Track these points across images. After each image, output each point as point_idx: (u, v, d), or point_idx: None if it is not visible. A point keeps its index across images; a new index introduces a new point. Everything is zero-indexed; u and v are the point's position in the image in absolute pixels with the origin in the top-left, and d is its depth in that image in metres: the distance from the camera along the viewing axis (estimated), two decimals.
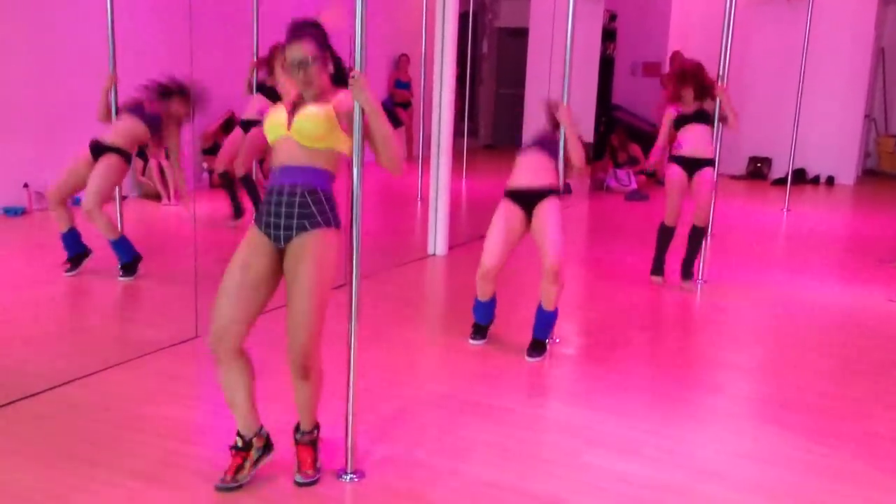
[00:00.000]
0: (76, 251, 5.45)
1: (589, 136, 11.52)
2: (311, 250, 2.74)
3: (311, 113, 2.76)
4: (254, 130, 6.90)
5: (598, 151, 11.33)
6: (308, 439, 2.91)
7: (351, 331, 2.88)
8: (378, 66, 12.09)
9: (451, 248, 6.74)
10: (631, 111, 11.87)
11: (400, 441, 3.23)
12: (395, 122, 12.40)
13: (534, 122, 13.61)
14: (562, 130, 4.45)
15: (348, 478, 2.93)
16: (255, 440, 2.86)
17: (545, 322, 4.30)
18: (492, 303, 4.42)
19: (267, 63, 6.60)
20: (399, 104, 12.33)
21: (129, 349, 4.14)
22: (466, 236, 7.26)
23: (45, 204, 6.82)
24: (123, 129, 5.53)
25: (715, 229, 6.95)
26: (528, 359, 4.23)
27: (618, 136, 11.05)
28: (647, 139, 11.46)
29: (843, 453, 3.30)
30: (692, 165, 5.63)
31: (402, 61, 12.37)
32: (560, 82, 4.55)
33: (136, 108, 5.61)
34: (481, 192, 10.40)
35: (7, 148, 6.53)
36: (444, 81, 6.51)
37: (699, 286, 5.89)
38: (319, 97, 2.80)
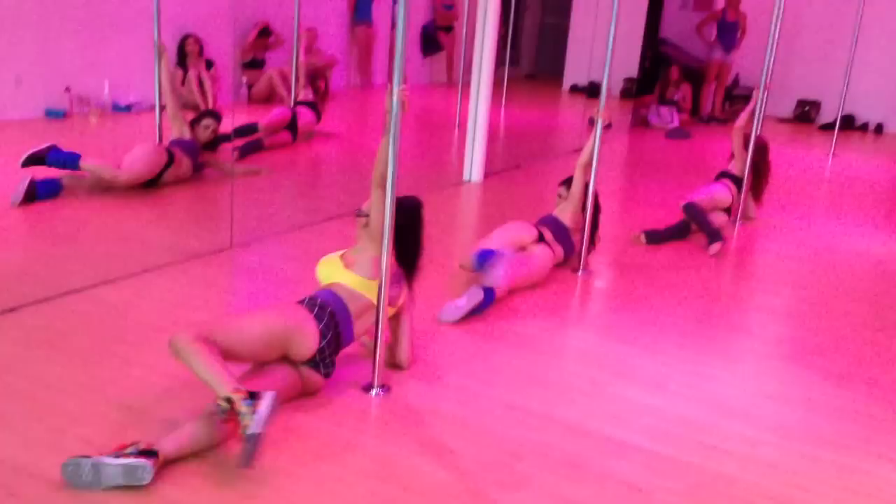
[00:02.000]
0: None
1: (634, 71, 11.30)
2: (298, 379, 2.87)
3: (358, 282, 2.98)
4: None
5: (643, 87, 11.12)
6: None
7: (383, 251, 2.88)
8: None
9: (486, 175, 6.70)
10: (679, 46, 11.57)
11: (428, 362, 3.27)
12: (436, 46, 12.22)
13: (577, 55, 13.41)
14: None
15: (375, 392, 2.97)
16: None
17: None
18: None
19: None
20: (441, 27, 12.12)
21: (165, 255, 4.19)
22: (503, 164, 7.21)
23: (85, 107, 6.88)
24: None
25: None
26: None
27: (678, 69, 10.79)
28: (695, 77, 11.23)
29: (869, 400, 3.28)
30: None
31: None
32: (606, 13, 4.43)
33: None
34: (520, 121, 10.29)
35: (50, 51, 6.55)
36: (488, 7, 6.37)
37: (737, 226, 5.82)
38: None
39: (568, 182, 4.72)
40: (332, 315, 2.86)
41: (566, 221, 4.53)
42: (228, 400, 2.37)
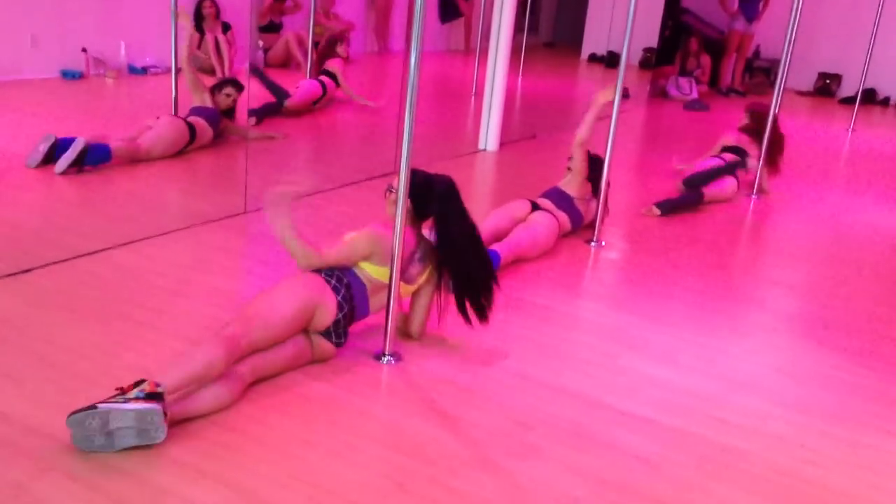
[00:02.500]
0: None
1: (654, 41, 11.18)
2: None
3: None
4: None
5: (662, 57, 11.00)
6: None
7: (397, 218, 2.87)
8: None
9: (502, 144, 6.67)
10: (701, 16, 11.42)
11: (439, 330, 3.27)
12: (455, 12, 12.11)
13: (596, 23, 13.27)
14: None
15: (385, 359, 2.98)
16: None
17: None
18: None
19: None
20: None
21: (179, 219, 4.20)
22: (518, 134, 7.17)
23: (101, 69, 6.87)
24: None
25: None
26: None
27: (697, 41, 10.65)
28: (715, 48, 11.09)
29: (883, 376, 3.27)
30: None
31: None
32: None
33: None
34: (537, 90, 10.21)
35: (66, 11, 6.53)
36: None
37: (753, 200, 5.78)
38: None
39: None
40: (348, 287, 2.87)
41: (571, 192, 4.51)
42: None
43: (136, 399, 2.27)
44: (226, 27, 8.00)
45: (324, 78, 7.41)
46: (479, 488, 2.32)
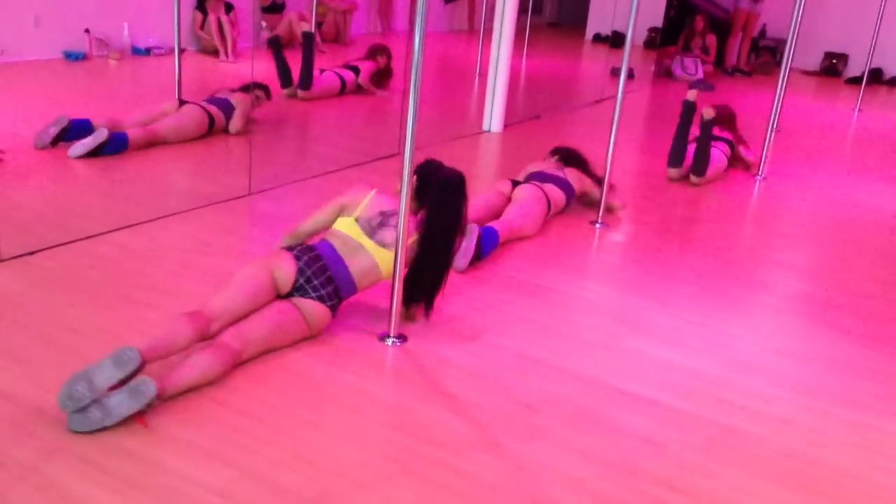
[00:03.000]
0: None
1: (658, 21, 11.11)
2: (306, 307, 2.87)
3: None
4: None
5: (667, 37, 10.94)
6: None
7: (402, 199, 2.86)
8: None
9: (506, 125, 6.64)
10: None
11: (443, 313, 3.27)
12: None
13: (600, 3, 13.17)
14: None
15: (390, 341, 2.98)
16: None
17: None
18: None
19: None
20: None
21: (183, 201, 4.20)
22: (522, 115, 7.14)
23: (104, 50, 6.84)
24: None
25: (781, 125, 6.75)
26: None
27: (703, 20, 10.57)
28: (721, 28, 11.01)
29: (888, 357, 3.27)
30: None
31: None
32: None
33: None
34: (541, 71, 10.16)
35: None
36: None
37: (758, 181, 5.76)
38: None
39: (558, 151, 4.73)
40: (312, 251, 2.92)
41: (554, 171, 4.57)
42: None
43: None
44: (228, 7, 7.96)
45: (344, 72, 7.37)
46: (483, 470, 2.32)
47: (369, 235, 2.99)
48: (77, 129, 4.74)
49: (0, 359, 2.62)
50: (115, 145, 4.79)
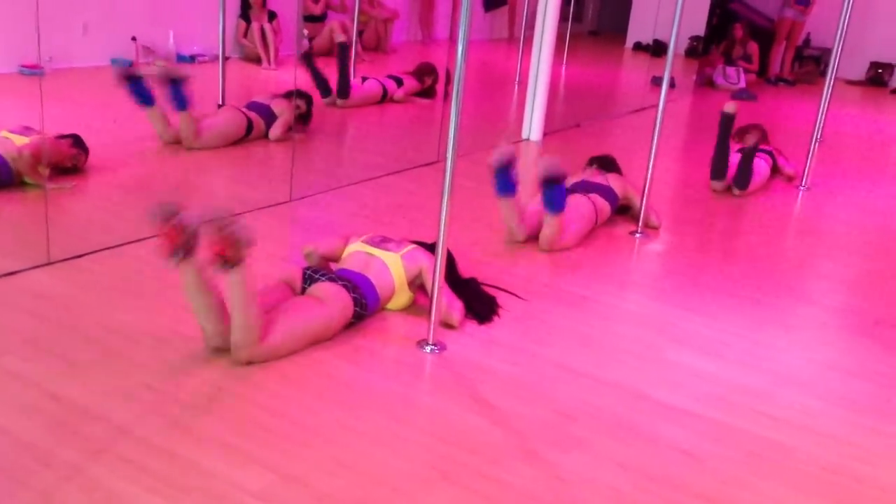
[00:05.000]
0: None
1: (701, 29, 11.03)
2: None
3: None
4: None
5: (709, 45, 10.85)
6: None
7: (443, 207, 2.87)
8: None
9: (545, 134, 6.63)
10: (749, 3, 11.23)
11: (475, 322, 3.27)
12: (499, 1, 12.04)
13: (641, 11, 13.10)
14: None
15: (429, 349, 2.99)
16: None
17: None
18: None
19: None
20: None
21: (226, 207, 4.24)
22: (562, 123, 7.13)
23: (151, 58, 6.96)
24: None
25: (825, 135, 6.65)
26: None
27: (742, 28, 10.46)
28: (764, 36, 10.89)
29: None
30: None
31: None
32: None
33: None
34: (581, 79, 10.13)
35: (117, 1, 6.63)
36: None
37: (801, 192, 5.68)
38: None
39: (595, 160, 4.71)
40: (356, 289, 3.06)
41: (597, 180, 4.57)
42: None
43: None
44: (272, 16, 8.06)
45: (388, 82, 7.39)
46: (522, 479, 2.32)
47: (376, 246, 3.24)
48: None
49: (47, 360, 2.68)
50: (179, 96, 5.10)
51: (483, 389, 2.79)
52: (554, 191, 3.94)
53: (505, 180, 3.97)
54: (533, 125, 6.58)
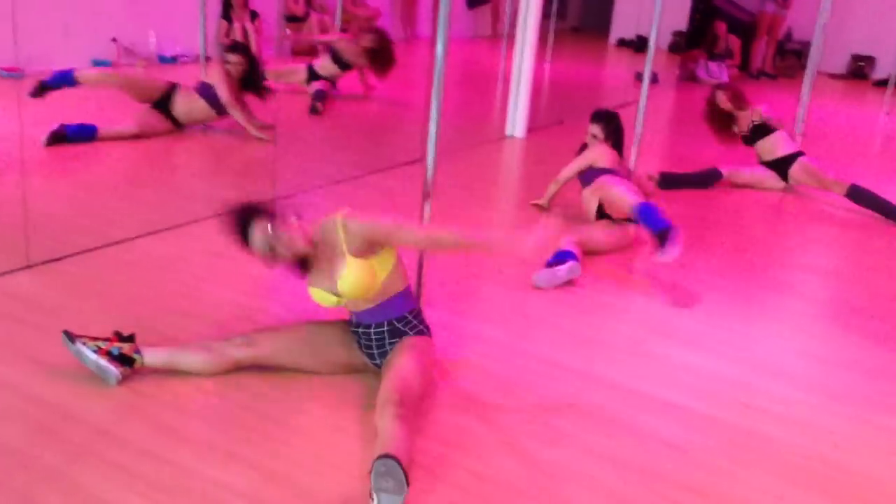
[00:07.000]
0: None
1: (683, 24, 11.07)
2: (411, 342, 2.64)
3: (350, 280, 2.53)
4: None
5: (692, 40, 10.89)
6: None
7: (425, 207, 2.88)
8: None
9: (529, 130, 6.64)
10: None
11: (468, 316, 3.28)
12: None
13: (624, 7, 13.14)
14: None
15: None
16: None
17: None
18: None
19: None
20: None
21: (207, 207, 4.23)
22: (546, 120, 7.14)
23: (132, 58, 6.94)
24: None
25: (807, 129, 6.69)
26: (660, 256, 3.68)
27: (722, 23, 10.52)
28: (745, 31, 10.94)
29: None
30: None
31: None
32: None
33: None
34: (564, 75, 10.15)
35: (97, 2, 6.59)
36: None
37: (783, 185, 5.71)
38: (311, 245, 2.59)
39: (596, 115, 4.51)
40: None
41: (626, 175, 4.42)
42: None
43: (109, 356, 2.54)
44: (254, 15, 8.03)
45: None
46: (506, 474, 2.32)
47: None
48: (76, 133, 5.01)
49: (28, 363, 2.67)
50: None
51: (467, 384, 2.79)
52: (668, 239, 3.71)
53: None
54: (517, 122, 6.59)
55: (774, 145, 5.48)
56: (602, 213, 4.18)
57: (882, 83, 10.43)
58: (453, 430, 2.51)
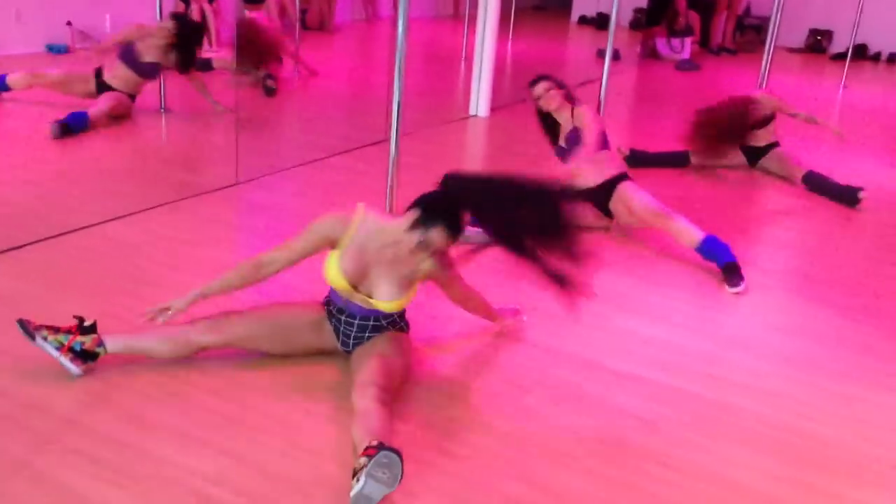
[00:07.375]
0: None
1: (644, 1, 11.10)
2: (395, 336, 2.65)
3: (401, 304, 2.61)
4: None
5: (653, 17, 10.92)
6: None
7: (389, 187, 2.86)
8: None
9: (492, 109, 6.64)
10: None
11: (433, 295, 3.27)
12: None
13: None
14: None
15: None
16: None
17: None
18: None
19: None
20: None
21: (170, 192, 4.19)
22: (509, 98, 7.13)
23: (87, 43, 6.80)
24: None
25: None
26: (730, 289, 3.58)
27: (683, 1, 10.56)
28: (705, 7, 11.00)
29: (873, 329, 3.30)
30: None
31: None
32: None
33: None
34: (527, 54, 10.15)
35: None
36: None
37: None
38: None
39: (542, 79, 4.51)
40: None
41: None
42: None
43: (71, 352, 2.48)
44: None
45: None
46: (477, 452, 2.33)
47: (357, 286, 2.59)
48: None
49: None
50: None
51: (437, 364, 2.80)
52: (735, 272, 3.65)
53: None
54: (480, 101, 6.58)
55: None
56: (607, 211, 4.19)
57: (840, 56, 10.56)
58: (423, 409, 2.51)
